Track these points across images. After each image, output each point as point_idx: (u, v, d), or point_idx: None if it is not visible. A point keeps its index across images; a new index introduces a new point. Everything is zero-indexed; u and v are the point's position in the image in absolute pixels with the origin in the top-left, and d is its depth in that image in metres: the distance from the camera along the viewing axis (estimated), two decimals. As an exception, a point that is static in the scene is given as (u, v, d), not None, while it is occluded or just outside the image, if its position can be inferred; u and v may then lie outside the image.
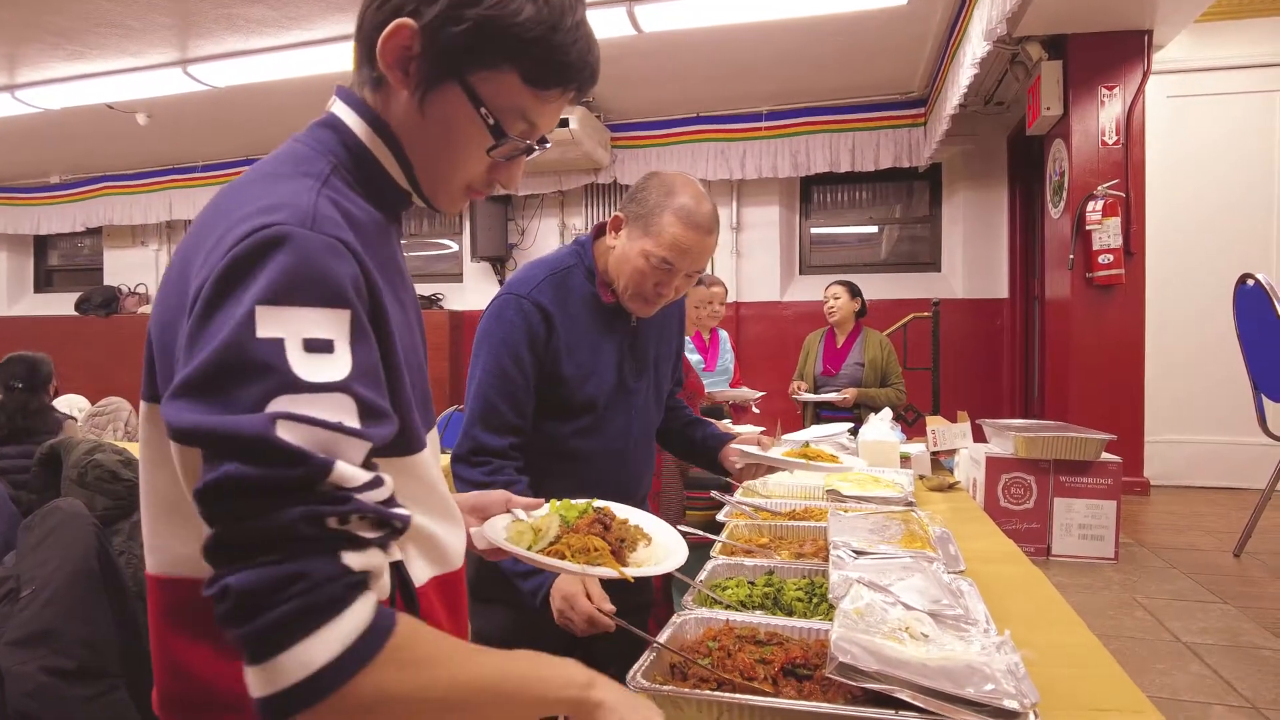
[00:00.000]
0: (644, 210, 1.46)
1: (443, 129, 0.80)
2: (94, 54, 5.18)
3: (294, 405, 0.60)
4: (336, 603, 0.58)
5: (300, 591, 0.56)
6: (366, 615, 0.59)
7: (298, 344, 0.62)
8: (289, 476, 0.58)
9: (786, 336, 6.14)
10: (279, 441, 0.57)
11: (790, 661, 1.04)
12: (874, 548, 1.49)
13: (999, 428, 3.45)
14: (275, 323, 0.61)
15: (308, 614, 0.56)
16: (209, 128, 6.73)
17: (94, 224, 8.29)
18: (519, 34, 0.76)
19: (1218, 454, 5.11)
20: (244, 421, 0.58)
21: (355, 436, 0.62)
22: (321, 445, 0.60)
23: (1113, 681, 1.13)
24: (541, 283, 1.48)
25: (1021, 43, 4.65)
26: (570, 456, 1.51)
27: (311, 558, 0.58)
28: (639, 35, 4.71)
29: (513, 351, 1.44)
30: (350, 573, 0.59)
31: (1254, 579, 3.16)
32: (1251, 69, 5.13)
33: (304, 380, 0.61)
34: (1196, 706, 2.03)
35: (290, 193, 0.70)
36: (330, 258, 0.66)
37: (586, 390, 1.49)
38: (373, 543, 0.62)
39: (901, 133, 6.15)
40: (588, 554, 0.99)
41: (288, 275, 0.63)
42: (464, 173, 0.83)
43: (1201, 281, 5.02)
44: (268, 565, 0.56)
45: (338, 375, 0.63)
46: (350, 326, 0.66)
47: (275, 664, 0.56)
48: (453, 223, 7.68)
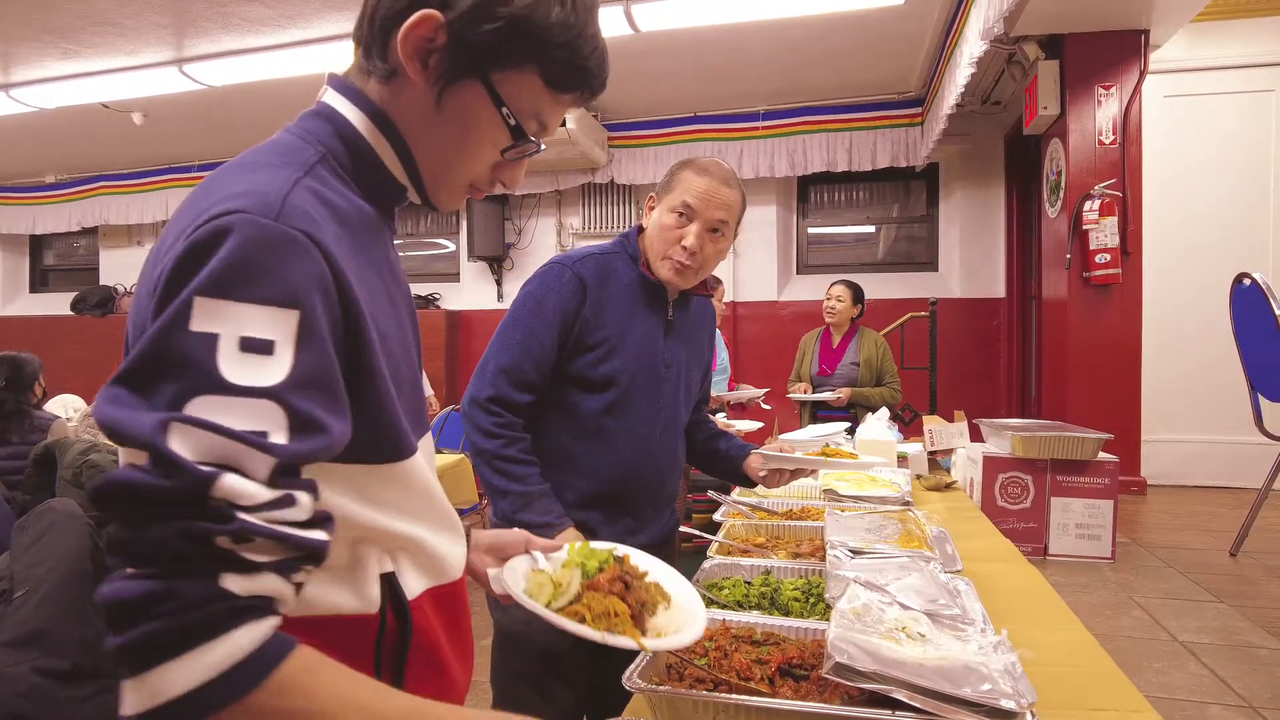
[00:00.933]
0: (666, 180, 1.59)
1: (459, 125, 0.78)
2: (89, 53, 5.16)
3: (210, 409, 0.56)
4: (206, 627, 0.54)
5: (167, 611, 0.53)
6: (245, 645, 0.55)
7: (233, 342, 0.58)
8: (167, 488, 0.54)
9: (783, 336, 6.14)
10: (164, 449, 0.54)
11: (787, 661, 1.04)
12: (871, 547, 1.48)
13: (996, 427, 3.45)
14: (211, 316, 0.58)
15: (173, 636, 0.53)
16: (205, 127, 6.71)
17: (90, 224, 8.27)
18: (548, 36, 0.76)
19: (1214, 453, 5.12)
20: (141, 421, 0.55)
21: (261, 450, 0.57)
22: (219, 455, 0.56)
23: (1109, 681, 1.13)
24: (586, 258, 1.56)
25: (1018, 42, 4.65)
26: (596, 434, 1.53)
27: (185, 578, 0.54)
28: (636, 35, 4.71)
29: (544, 314, 1.50)
30: (230, 597, 0.55)
31: (1251, 578, 3.16)
32: (1248, 68, 5.14)
33: (228, 382, 0.57)
34: (1193, 706, 2.03)
35: (263, 181, 0.66)
36: (288, 253, 0.62)
37: (612, 363, 1.53)
38: (266, 567, 0.58)
39: (899, 132, 6.15)
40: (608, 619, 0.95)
41: (233, 266, 0.59)
42: (472, 170, 0.82)
43: (1198, 281, 5.03)
44: (141, 578, 0.53)
45: (270, 380, 0.59)
46: (298, 328, 0.61)
47: (140, 682, 0.53)
48: (450, 222, 7.67)
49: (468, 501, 3.74)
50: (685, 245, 1.52)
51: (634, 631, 0.95)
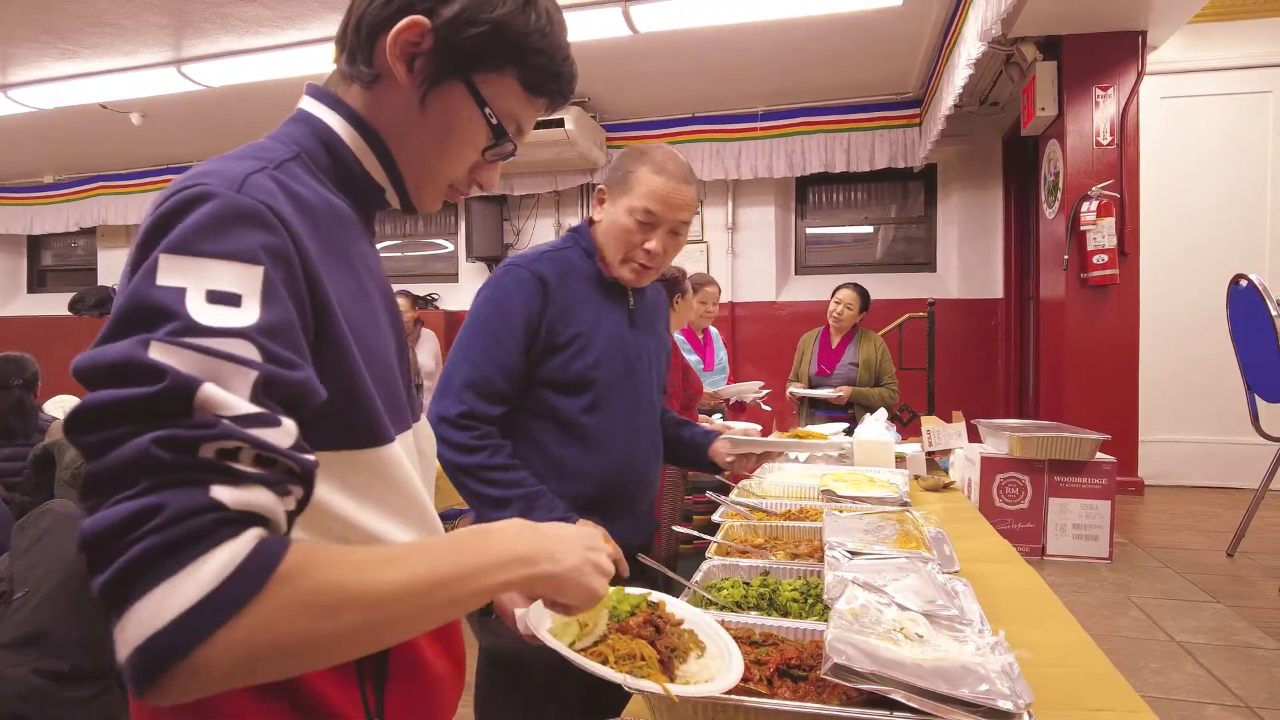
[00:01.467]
0: (620, 174, 1.52)
1: (441, 126, 0.82)
2: (87, 53, 5.16)
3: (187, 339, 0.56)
4: (198, 540, 0.50)
5: (154, 528, 0.49)
6: (239, 553, 0.51)
7: (200, 294, 0.58)
8: (147, 394, 0.52)
9: (782, 337, 6.14)
10: (144, 358, 0.53)
11: (785, 662, 1.04)
12: (869, 548, 1.49)
13: (994, 428, 3.45)
14: (177, 271, 0.59)
15: (162, 553, 0.49)
16: (204, 128, 6.71)
17: (88, 224, 8.26)
18: (527, 41, 0.81)
19: (1212, 454, 5.13)
20: (115, 346, 0.54)
21: (243, 365, 0.56)
22: (200, 368, 0.54)
23: (1107, 681, 1.13)
24: (542, 256, 1.52)
25: (1016, 43, 4.65)
26: (581, 435, 1.50)
27: (171, 489, 0.51)
28: (634, 35, 4.71)
29: (508, 320, 1.44)
30: (221, 508, 0.52)
31: (1248, 579, 3.17)
32: (1245, 70, 5.15)
33: (202, 324, 0.57)
34: (1190, 706, 2.03)
35: (230, 166, 0.68)
36: (250, 219, 0.64)
37: (585, 360, 1.49)
38: (255, 479, 0.55)
39: (897, 133, 6.16)
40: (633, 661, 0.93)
41: (197, 226, 0.61)
42: (452, 170, 0.85)
43: (1195, 282, 5.04)
44: (123, 500, 0.50)
45: (241, 323, 0.59)
46: (263, 283, 0.62)
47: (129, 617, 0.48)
48: (448, 223, 7.67)
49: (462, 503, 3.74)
50: (649, 249, 1.50)
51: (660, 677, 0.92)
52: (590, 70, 5.45)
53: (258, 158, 0.72)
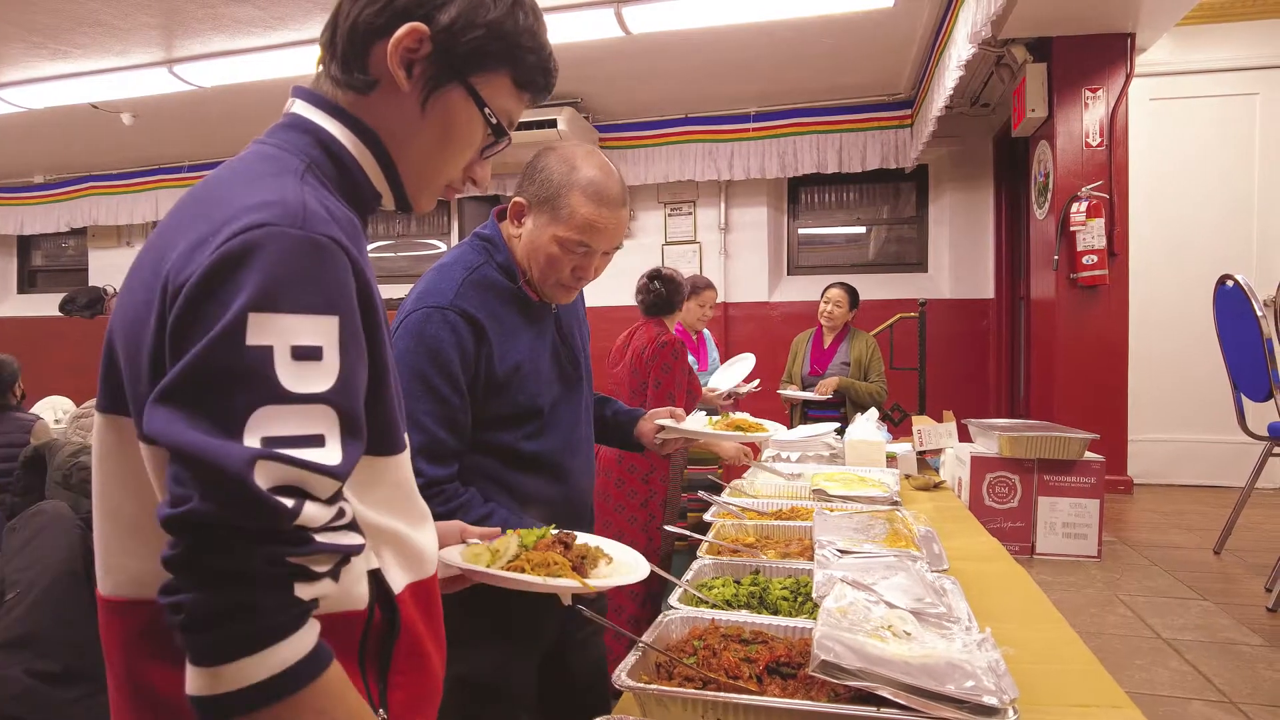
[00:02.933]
0: (548, 192, 1.37)
1: (442, 129, 0.84)
2: (78, 53, 5.14)
3: (275, 420, 0.61)
4: (281, 630, 0.61)
5: (248, 619, 0.59)
6: (307, 644, 0.62)
7: (286, 351, 0.62)
8: (258, 524, 0.59)
9: (775, 337, 6.16)
10: (254, 490, 0.58)
11: (775, 660, 1.05)
12: (858, 547, 1.50)
13: (984, 427, 3.48)
14: (264, 329, 0.61)
15: (253, 639, 0.59)
16: (195, 128, 6.68)
17: (79, 224, 8.22)
18: (518, 41, 0.84)
19: (1199, 452, 5.17)
20: (228, 456, 0.58)
21: (327, 475, 0.63)
22: (292, 481, 0.61)
23: (1092, 677, 1.14)
24: (461, 287, 1.34)
25: (1006, 45, 4.69)
26: (533, 463, 1.41)
27: (266, 590, 0.60)
28: (626, 36, 4.72)
29: (446, 372, 1.29)
30: (300, 603, 0.62)
31: (1233, 576, 3.20)
32: (1232, 72, 5.19)
33: (289, 391, 0.62)
34: (1175, 701, 2.06)
35: (276, 190, 0.69)
36: (322, 258, 0.66)
37: (528, 392, 1.38)
38: (326, 575, 0.64)
39: (888, 134, 6.18)
40: (548, 568, 0.99)
41: (279, 278, 0.63)
42: (451, 170, 0.87)
43: (1183, 282, 5.08)
44: (224, 591, 0.59)
45: (323, 386, 0.64)
46: (340, 331, 0.66)
47: (216, 671, 0.59)
48: (440, 224, 7.66)
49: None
50: (580, 276, 1.40)
51: (575, 574, 0.99)
52: (583, 71, 5.46)
53: (285, 170, 0.73)
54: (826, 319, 4.38)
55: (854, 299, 4.38)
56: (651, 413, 1.71)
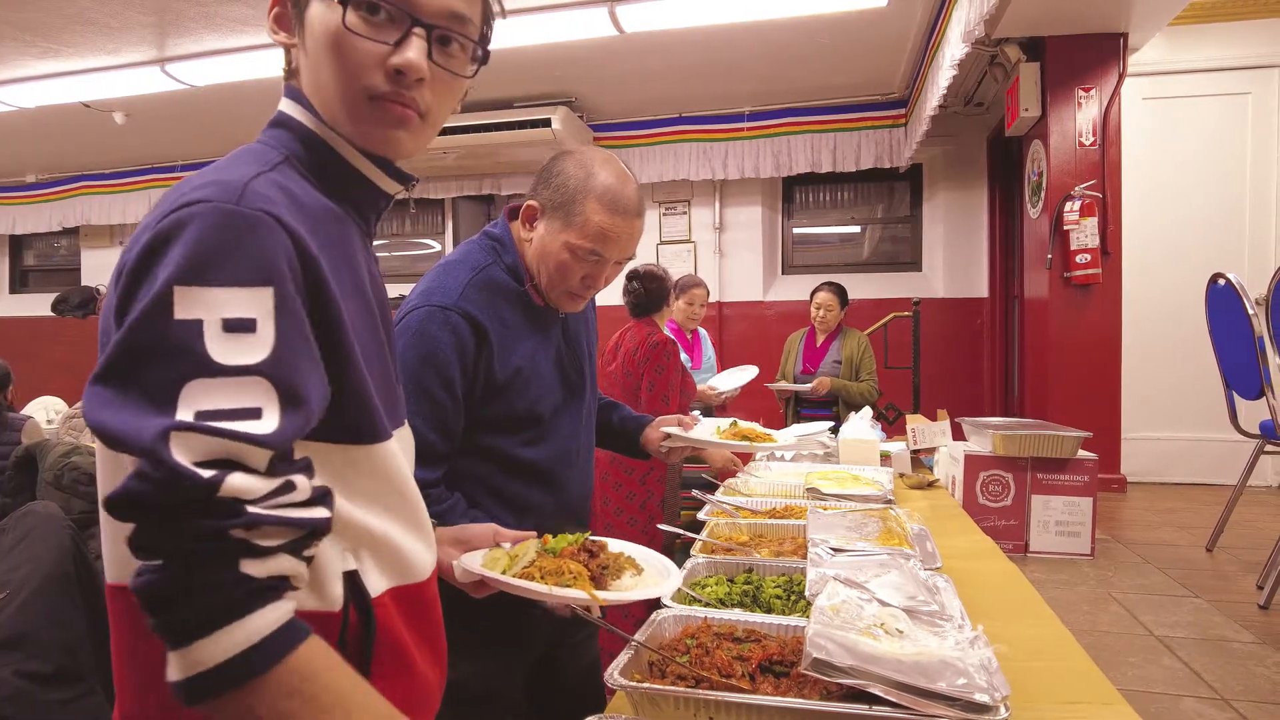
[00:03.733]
0: (563, 198, 1.33)
1: (315, 41, 0.78)
2: (69, 52, 5.11)
3: (205, 392, 0.59)
4: (232, 609, 0.59)
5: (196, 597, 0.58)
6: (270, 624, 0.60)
7: (216, 324, 0.61)
8: (175, 495, 0.57)
9: (769, 336, 6.17)
10: (169, 461, 0.56)
11: (768, 658, 1.05)
12: (852, 545, 1.50)
13: (977, 426, 3.48)
14: (192, 302, 0.60)
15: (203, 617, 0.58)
16: (188, 127, 6.66)
17: (71, 224, 8.19)
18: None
19: (1192, 450, 5.19)
20: (140, 430, 0.57)
21: (257, 445, 0.60)
22: (220, 453, 0.59)
23: (1084, 675, 1.15)
24: (466, 288, 1.31)
25: (1000, 44, 4.69)
26: (530, 471, 1.38)
27: (207, 567, 0.58)
28: (620, 35, 4.72)
29: (441, 374, 1.26)
30: (249, 580, 0.60)
31: (1226, 573, 3.21)
32: (1224, 71, 5.21)
33: (219, 364, 0.60)
34: (1167, 699, 2.06)
35: (225, 175, 0.69)
36: (254, 230, 0.65)
37: (528, 398, 1.35)
38: (279, 549, 0.62)
39: (882, 133, 6.19)
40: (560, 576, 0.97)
41: (206, 250, 0.62)
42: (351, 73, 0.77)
43: (1176, 281, 5.10)
44: (169, 569, 0.58)
45: (257, 357, 0.62)
46: (274, 302, 0.64)
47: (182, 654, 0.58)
48: (435, 223, 7.65)
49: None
50: (590, 285, 1.37)
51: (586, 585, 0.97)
52: (577, 70, 5.45)
53: (254, 162, 0.73)
54: (820, 323, 4.41)
55: (843, 298, 4.40)
56: (658, 420, 1.68)
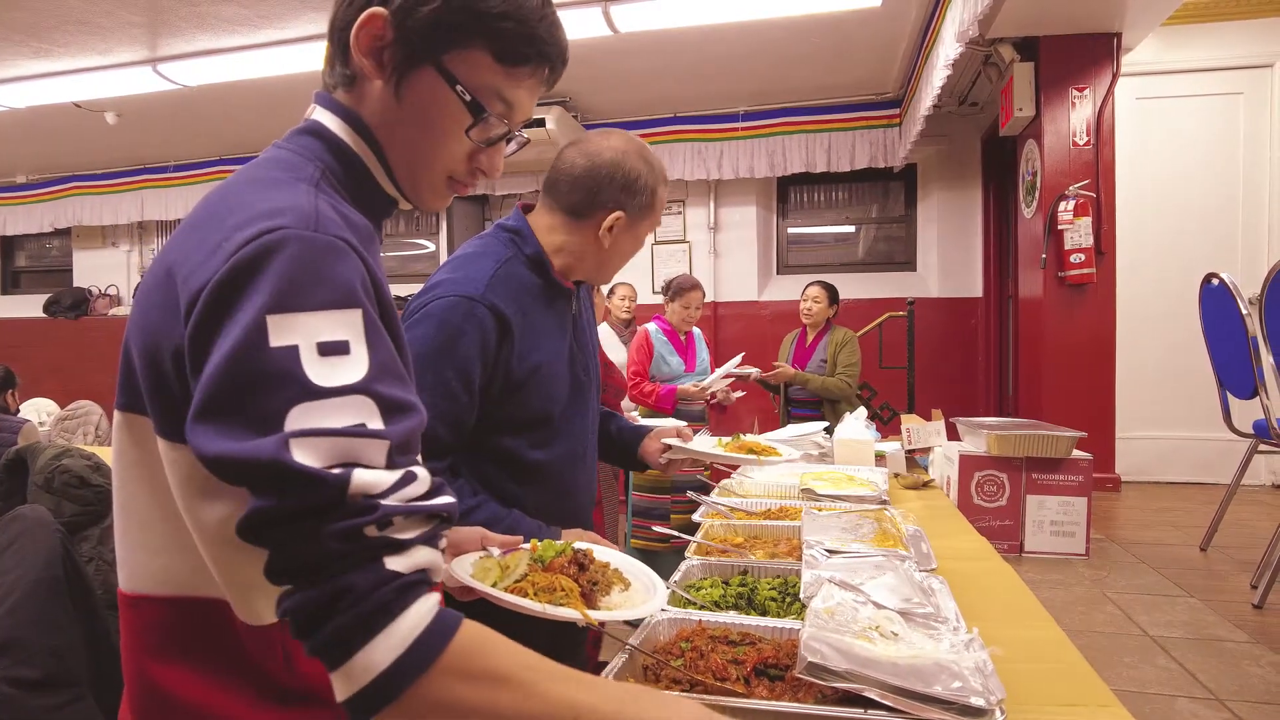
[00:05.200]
0: (645, 196, 1.38)
1: (420, 113, 0.80)
2: (60, 51, 5.09)
3: (312, 414, 0.60)
4: (387, 609, 0.59)
5: (349, 605, 0.58)
6: (425, 616, 0.61)
7: (312, 349, 0.61)
8: (309, 500, 0.58)
9: (764, 336, 6.17)
10: (294, 465, 0.57)
11: (763, 661, 1.04)
12: (846, 546, 1.50)
13: (972, 426, 3.49)
14: (287, 330, 0.61)
15: (361, 624, 0.58)
16: (181, 127, 6.63)
17: (62, 224, 8.15)
18: (486, 9, 0.78)
19: (1186, 449, 5.20)
20: (259, 448, 0.58)
21: (374, 438, 0.61)
22: (340, 454, 0.60)
23: (1079, 676, 1.14)
24: (492, 279, 1.28)
25: (994, 44, 4.70)
26: (537, 473, 1.36)
27: (353, 571, 0.59)
28: (614, 35, 4.71)
29: (460, 368, 1.22)
30: (397, 576, 0.60)
31: (1219, 572, 3.22)
32: (1217, 71, 5.23)
33: (321, 386, 0.61)
34: (1162, 699, 2.06)
35: (289, 196, 0.69)
36: (337, 258, 0.66)
37: (543, 396, 1.34)
38: (415, 541, 0.63)
39: (877, 133, 6.20)
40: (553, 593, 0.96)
41: (295, 279, 0.63)
42: (444, 160, 0.83)
43: (1170, 280, 5.11)
44: (315, 585, 0.59)
45: (355, 377, 0.63)
46: (364, 324, 0.65)
47: (346, 669, 0.58)
48: (430, 223, 7.63)
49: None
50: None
51: (579, 604, 0.96)
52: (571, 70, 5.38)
53: (298, 178, 0.73)
54: (806, 316, 4.43)
55: (833, 296, 4.42)
56: (656, 431, 1.66)
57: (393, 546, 0.61)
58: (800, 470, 2.39)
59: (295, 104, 0.86)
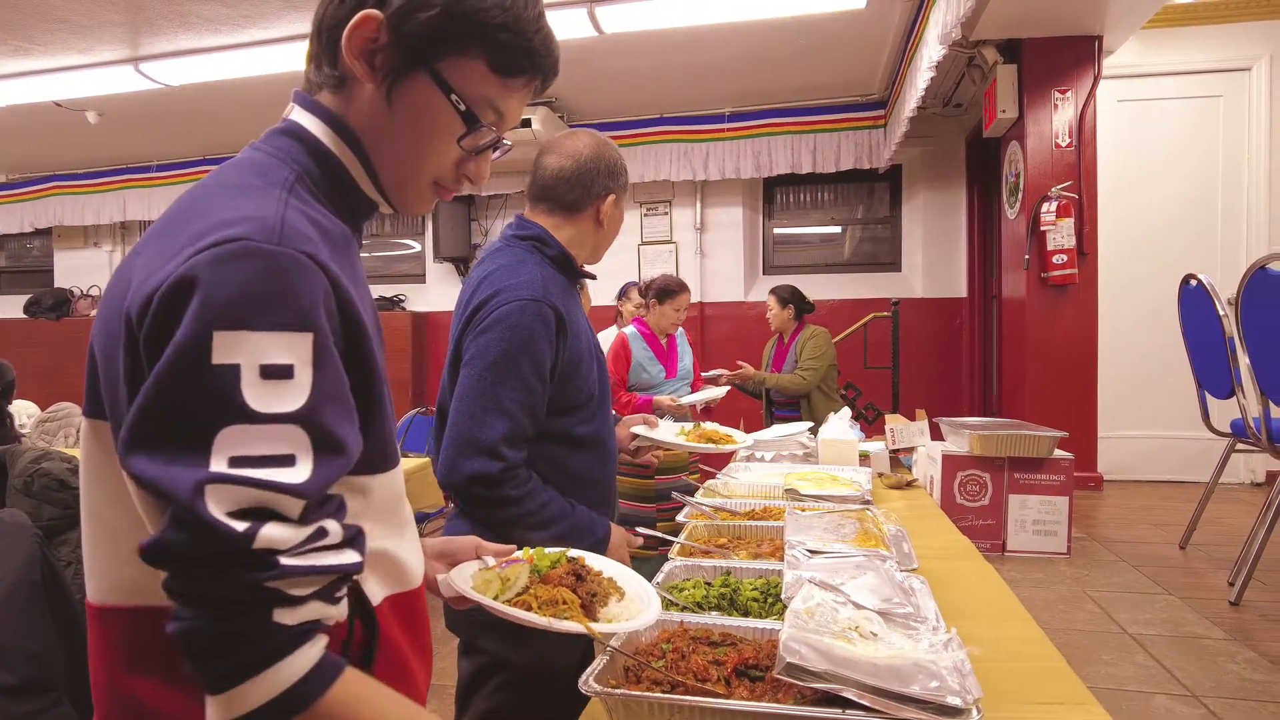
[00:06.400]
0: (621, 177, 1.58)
1: (411, 119, 0.79)
2: (40, 50, 5.04)
3: (239, 440, 0.59)
4: (267, 657, 0.60)
5: (231, 648, 0.59)
6: (302, 667, 0.61)
7: (254, 370, 0.60)
8: (213, 548, 0.58)
9: (750, 336, 6.18)
10: (205, 517, 0.57)
11: (743, 662, 1.05)
12: (828, 546, 1.50)
13: (955, 426, 3.51)
14: (231, 348, 0.59)
15: (240, 666, 0.60)
16: (163, 127, 6.57)
17: (43, 224, 8.06)
18: (485, 19, 0.78)
19: (1166, 448, 5.26)
20: (176, 484, 0.57)
21: (291, 495, 0.60)
22: (254, 504, 0.59)
23: (1057, 675, 1.15)
24: (549, 285, 1.44)
25: (977, 46, 4.73)
26: (588, 445, 1.52)
27: (241, 618, 0.59)
28: (600, 36, 4.71)
29: (536, 363, 1.38)
30: (283, 629, 0.61)
31: (1197, 570, 3.26)
32: (1196, 74, 5.28)
33: (255, 411, 0.59)
34: (1139, 696, 2.09)
35: (256, 205, 0.67)
36: (295, 275, 0.63)
37: (586, 376, 1.50)
38: (310, 597, 0.63)
39: (862, 134, 6.22)
40: (555, 606, 0.97)
41: (246, 294, 0.60)
42: (433, 166, 0.82)
43: (1151, 281, 5.16)
44: (204, 619, 0.59)
45: (294, 405, 0.61)
46: (313, 350, 0.63)
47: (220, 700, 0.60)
48: (415, 223, 7.60)
49: (433, 505, 3.72)
50: None
51: (582, 618, 0.97)
52: (557, 70, 5.43)
53: (271, 182, 0.71)
54: (771, 324, 4.53)
55: (786, 299, 4.45)
56: (626, 419, 1.80)
57: (285, 601, 0.61)
58: (785, 470, 2.40)
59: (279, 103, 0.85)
